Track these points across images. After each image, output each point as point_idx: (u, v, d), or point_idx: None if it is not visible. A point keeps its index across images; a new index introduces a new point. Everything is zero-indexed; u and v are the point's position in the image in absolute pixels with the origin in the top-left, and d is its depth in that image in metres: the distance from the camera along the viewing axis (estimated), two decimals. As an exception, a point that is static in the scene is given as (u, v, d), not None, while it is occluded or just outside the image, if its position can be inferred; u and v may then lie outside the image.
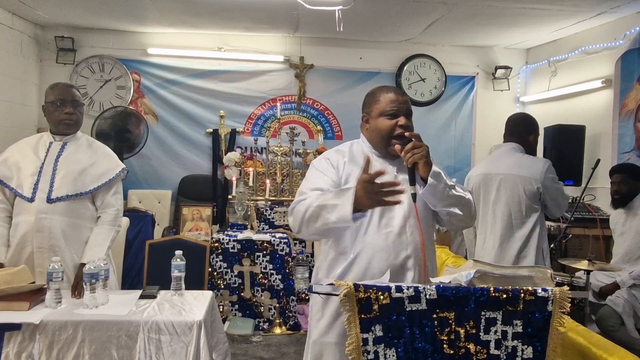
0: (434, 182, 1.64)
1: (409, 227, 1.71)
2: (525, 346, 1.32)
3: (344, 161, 1.79)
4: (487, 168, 2.83)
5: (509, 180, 2.69)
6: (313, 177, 1.78)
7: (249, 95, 5.41)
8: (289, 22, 4.80)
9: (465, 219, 1.76)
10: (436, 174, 1.65)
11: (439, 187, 1.65)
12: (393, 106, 1.75)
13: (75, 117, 2.42)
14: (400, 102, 1.77)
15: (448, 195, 1.68)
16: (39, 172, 2.35)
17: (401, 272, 1.68)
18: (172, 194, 5.27)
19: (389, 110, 1.75)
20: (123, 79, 5.26)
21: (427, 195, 1.68)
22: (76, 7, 4.45)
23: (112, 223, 2.45)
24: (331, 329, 1.70)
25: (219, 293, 3.89)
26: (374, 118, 1.79)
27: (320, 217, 1.59)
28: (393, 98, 1.77)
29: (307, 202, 1.64)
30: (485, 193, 2.80)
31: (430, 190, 1.65)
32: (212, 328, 2.24)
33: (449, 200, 1.70)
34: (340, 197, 1.56)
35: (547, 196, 2.67)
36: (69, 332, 1.92)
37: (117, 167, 2.50)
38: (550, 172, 2.68)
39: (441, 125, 5.68)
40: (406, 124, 1.75)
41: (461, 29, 4.87)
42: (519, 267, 1.60)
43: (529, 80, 5.68)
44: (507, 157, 2.77)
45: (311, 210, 1.61)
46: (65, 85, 2.46)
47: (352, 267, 1.70)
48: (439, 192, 1.66)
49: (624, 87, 4.08)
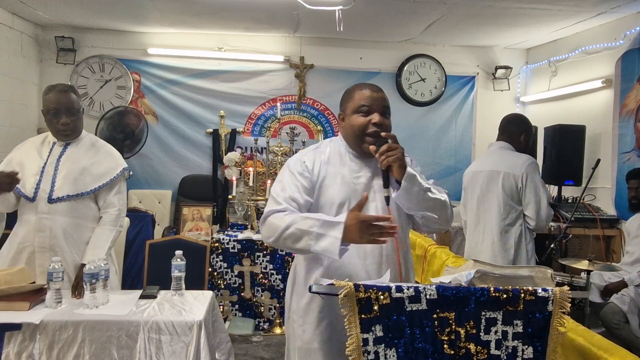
0: (407, 185, 1.59)
1: None
2: (525, 346, 1.32)
3: (320, 162, 1.74)
4: (476, 166, 2.93)
5: (491, 177, 2.76)
6: (287, 183, 1.71)
7: (249, 95, 5.41)
8: (289, 22, 4.79)
9: (440, 222, 1.72)
10: (411, 177, 1.59)
11: (413, 190, 1.61)
12: (366, 102, 1.70)
13: (72, 125, 2.38)
14: (374, 98, 1.71)
15: (423, 198, 1.64)
16: (41, 172, 2.35)
17: (376, 276, 1.64)
18: (172, 194, 5.27)
19: (362, 106, 1.70)
20: (123, 79, 5.26)
21: (401, 199, 1.64)
22: (76, 7, 4.45)
23: (114, 223, 2.45)
24: (315, 335, 1.69)
25: (219, 293, 3.89)
26: (349, 115, 1.74)
27: (301, 241, 1.55)
28: (367, 94, 1.71)
29: (287, 220, 1.58)
30: (472, 190, 2.88)
31: (404, 193, 1.61)
32: (214, 328, 2.24)
33: (424, 204, 1.65)
34: (327, 229, 1.51)
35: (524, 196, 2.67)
36: (69, 332, 1.92)
37: (118, 167, 2.49)
38: (531, 169, 2.67)
39: (441, 125, 5.68)
40: (380, 122, 1.69)
41: (461, 29, 4.87)
42: (519, 267, 1.61)
43: (529, 80, 5.68)
44: (494, 154, 2.83)
45: (292, 231, 1.56)
46: (60, 91, 2.35)
47: (328, 272, 1.67)
48: (413, 196, 1.62)
49: (624, 87, 4.08)
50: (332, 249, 1.50)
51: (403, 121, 5.60)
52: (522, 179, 2.67)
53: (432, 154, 5.67)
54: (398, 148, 1.62)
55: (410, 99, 5.57)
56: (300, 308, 1.74)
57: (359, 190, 1.69)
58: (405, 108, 5.59)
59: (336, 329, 1.65)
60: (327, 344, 1.67)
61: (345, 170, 1.73)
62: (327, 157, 1.76)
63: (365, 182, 1.71)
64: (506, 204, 2.69)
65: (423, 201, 1.64)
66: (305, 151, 1.82)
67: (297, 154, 1.83)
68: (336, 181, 1.71)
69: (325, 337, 1.68)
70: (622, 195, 3.99)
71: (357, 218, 1.49)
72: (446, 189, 1.79)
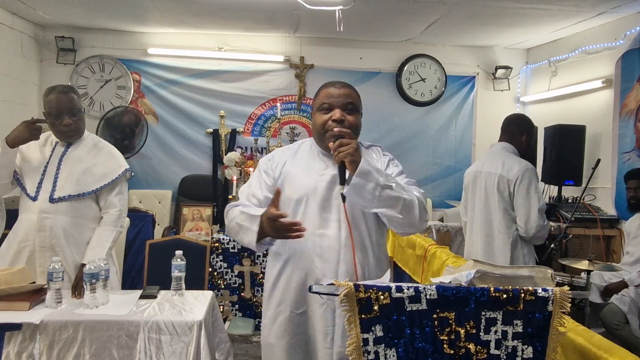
0: (359, 181, 1.53)
1: (343, 230, 1.65)
2: (525, 346, 1.32)
3: (285, 161, 1.78)
4: (476, 166, 2.91)
5: (488, 179, 2.74)
6: (253, 180, 1.80)
7: (249, 95, 5.41)
8: (289, 22, 4.80)
9: (406, 223, 1.63)
10: (364, 173, 1.53)
11: (367, 187, 1.54)
12: (327, 100, 1.70)
13: (75, 126, 2.38)
14: (336, 95, 1.70)
15: (379, 196, 1.55)
16: (43, 172, 2.36)
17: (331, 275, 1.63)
18: (172, 194, 5.27)
19: (324, 104, 1.71)
20: (123, 79, 5.27)
21: (352, 196, 1.57)
22: (76, 7, 4.46)
23: (114, 224, 2.45)
24: (271, 331, 1.72)
25: (219, 293, 3.90)
26: (314, 113, 1.76)
27: (238, 235, 1.65)
28: (329, 92, 1.72)
29: (232, 214, 1.68)
30: (472, 191, 2.88)
31: (355, 189, 1.55)
32: (214, 328, 2.24)
33: (382, 202, 1.57)
34: (250, 222, 1.59)
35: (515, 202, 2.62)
36: (69, 332, 1.92)
37: (120, 168, 2.49)
38: (526, 176, 2.61)
39: (441, 125, 5.68)
40: (339, 118, 1.66)
41: (461, 29, 4.87)
42: (519, 267, 1.60)
43: (529, 80, 5.68)
44: (494, 156, 2.81)
45: (232, 225, 1.67)
46: (60, 92, 2.34)
47: (285, 268, 1.70)
48: (367, 193, 1.55)
49: (625, 87, 4.08)
50: (251, 243, 1.59)
51: (403, 121, 5.60)
52: (515, 184, 2.63)
53: (432, 154, 5.67)
54: (350, 143, 1.57)
55: (410, 99, 5.57)
56: (264, 304, 1.79)
57: (322, 187, 1.69)
58: (405, 108, 5.60)
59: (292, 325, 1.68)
60: (282, 340, 1.69)
61: (311, 168, 1.74)
62: (294, 154, 1.80)
63: (329, 179, 1.69)
64: (501, 207, 2.67)
65: (380, 199, 1.56)
66: (276, 149, 1.89)
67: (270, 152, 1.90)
68: (297, 178, 1.73)
69: (280, 333, 1.70)
70: (622, 195, 3.99)
71: (265, 214, 1.54)
72: (446, 189, 1.78)
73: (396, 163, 1.82)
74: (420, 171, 5.62)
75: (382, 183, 1.56)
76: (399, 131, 5.59)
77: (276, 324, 1.70)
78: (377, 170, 1.58)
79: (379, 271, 1.73)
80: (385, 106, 5.55)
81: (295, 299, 1.68)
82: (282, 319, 1.70)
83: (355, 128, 1.71)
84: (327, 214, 1.67)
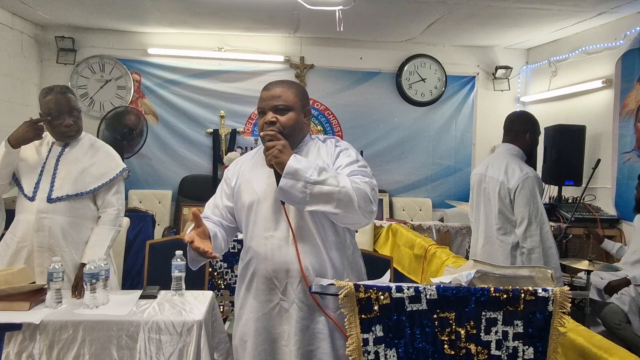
0: (287, 181, 1.50)
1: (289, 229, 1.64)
2: (526, 347, 1.32)
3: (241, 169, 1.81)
4: (482, 168, 2.84)
5: (490, 183, 2.68)
6: (217, 190, 1.86)
7: (249, 95, 5.40)
8: (289, 22, 4.79)
9: (347, 217, 1.56)
10: (291, 173, 1.50)
11: (296, 186, 1.49)
12: (260, 103, 1.72)
13: (75, 126, 2.39)
14: (266, 98, 1.69)
15: (311, 193, 1.49)
16: (41, 172, 2.36)
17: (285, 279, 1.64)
18: (172, 194, 5.27)
19: (259, 108, 1.73)
20: (123, 79, 5.26)
21: (283, 196, 1.54)
22: (76, 7, 4.45)
23: (113, 223, 2.45)
24: (236, 332, 1.77)
25: (219, 293, 3.89)
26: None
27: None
28: (261, 95, 1.72)
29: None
30: (477, 192, 2.83)
31: (284, 191, 1.52)
32: (214, 328, 2.24)
33: (314, 199, 1.50)
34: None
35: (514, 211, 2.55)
36: (69, 332, 1.92)
37: (117, 167, 2.49)
38: (527, 186, 2.51)
39: (441, 125, 5.68)
40: (270, 120, 1.65)
41: (461, 29, 4.87)
42: (519, 267, 1.60)
43: (530, 80, 5.68)
44: (498, 159, 2.73)
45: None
46: (58, 93, 2.33)
47: (247, 271, 1.75)
48: (297, 192, 1.50)
49: (625, 87, 4.08)
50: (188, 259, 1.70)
51: (403, 121, 5.60)
52: (515, 193, 2.55)
53: (432, 154, 5.67)
54: (275, 145, 1.55)
55: (411, 99, 5.57)
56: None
57: (268, 191, 1.69)
58: (406, 108, 5.60)
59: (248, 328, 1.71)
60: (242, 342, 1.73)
61: (262, 173, 1.73)
62: (250, 161, 1.82)
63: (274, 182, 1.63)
64: (501, 213, 2.61)
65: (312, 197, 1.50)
66: (238, 157, 1.93)
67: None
68: (248, 185, 1.74)
69: (242, 334, 1.73)
70: (622, 195, 4.00)
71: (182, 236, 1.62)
72: (446, 189, 1.77)
73: (349, 153, 1.73)
74: (420, 171, 5.63)
75: (312, 180, 1.49)
76: (399, 131, 5.59)
77: (239, 326, 1.75)
78: (307, 168, 1.51)
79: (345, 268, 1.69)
80: (385, 106, 5.55)
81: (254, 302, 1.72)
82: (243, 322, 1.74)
83: (289, 128, 1.67)
84: (277, 216, 1.67)
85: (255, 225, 1.70)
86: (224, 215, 1.79)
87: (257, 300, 1.70)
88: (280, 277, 1.65)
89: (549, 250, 2.52)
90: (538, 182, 2.59)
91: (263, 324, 1.69)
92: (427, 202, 5.53)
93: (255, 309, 1.70)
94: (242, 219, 1.76)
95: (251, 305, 1.71)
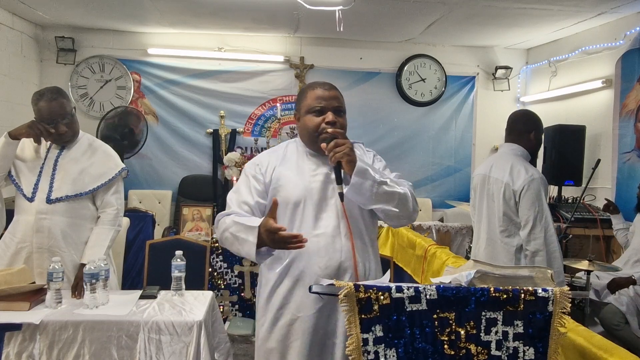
0: (358, 180, 1.58)
1: (342, 228, 1.66)
2: (526, 347, 1.32)
3: (275, 165, 1.76)
4: (486, 169, 2.78)
5: (495, 184, 2.63)
6: (241, 187, 1.76)
7: (249, 96, 5.41)
8: (289, 22, 4.80)
9: (402, 216, 1.68)
10: (361, 172, 1.58)
11: (365, 185, 1.58)
12: (319, 102, 1.70)
13: (70, 132, 2.37)
14: (327, 97, 1.71)
15: (377, 192, 1.60)
16: (40, 172, 2.35)
17: (337, 277, 1.63)
18: (172, 194, 5.27)
19: (315, 106, 1.71)
20: (123, 79, 5.27)
21: (353, 194, 1.61)
22: (76, 7, 4.46)
23: (112, 223, 2.45)
24: (271, 335, 1.69)
25: (219, 293, 3.89)
26: (303, 115, 1.75)
27: (234, 246, 1.61)
28: (319, 94, 1.71)
29: (226, 223, 1.64)
30: (480, 193, 2.78)
31: (355, 189, 1.59)
32: (214, 328, 2.24)
33: (379, 198, 1.62)
34: (247, 233, 1.55)
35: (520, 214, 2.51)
36: (69, 332, 1.92)
37: (116, 167, 2.49)
38: (533, 188, 2.47)
39: (441, 126, 5.68)
40: (333, 121, 1.69)
41: (461, 29, 4.87)
42: (519, 267, 1.60)
43: (529, 80, 5.68)
44: (502, 159, 2.69)
45: (227, 235, 1.62)
46: (50, 100, 2.28)
47: (288, 271, 1.68)
48: (365, 190, 1.59)
49: (625, 87, 4.08)
50: (251, 254, 1.55)
51: (403, 121, 5.60)
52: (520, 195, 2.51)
53: (432, 154, 5.67)
54: (345, 143, 1.60)
55: (410, 99, 5.57)
56: (260, 307, 1.75)
57: (316, 188, 1.69)
58: (405, 108, 5.60)
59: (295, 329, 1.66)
60: (282, 344, 1.67)
61: (303, 169, 1.74)
62: (282, 157, 1.78)
63: (322, 179, 1.70)
64: (506, 214, 2.57)
65: (378, 195, 1.61)
66: (261, 153, 1.86)
67: (254, 157, 1.85)
68: (291, 181, 1.72)
69: (281, 336, 1.67)
70: (622, 195, 3.99)
71: (264, 226, 1.50)
72: (446, 189, 1.79)
73: (379, 158, 1.86)
74: (420, 171, 5.63)
75: (378, 180, 1.60)
76: (399, 131, 5.59)
77: (277, 327, 1.68)
78: (372, 168, 1.62)
79: (377, 266, 1.76)
80: (385, 106, 5.55)
81: (297, 302, 1.67)
82: (284, 323, 1.68)
83: (345, 130, 1.73)
84: (324, 213, 1.68)
85: (302, 223, 1.67)
86: (254, 212, 1.71)
87: (308, 299, 1.65)
88: (332, 273, 1.63)
89: (552, 254, 2.49)
90: (543, 184, 2.55)
91: (313, 322, 1.65)
92: (427, 202, 5.53)
93: (305, 307, 1.66)
94: (282, 216, 1.69)
95: (298, 304, 1.66)
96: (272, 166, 1.75)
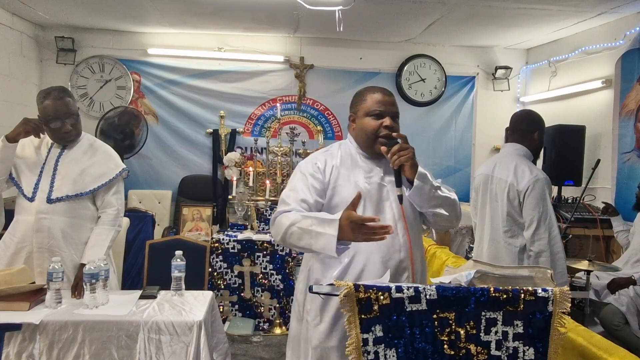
0: (420, 184, 1.66)
1: (399, 228, 1.73)
2: (526, 347, 1.32)
3: (333, 164, 1.78)
4: (489, 169, 2.76)
5: (499, 185, 2.62)
6: (298, 185, 1.75)
7: (249, 96, 5.41)
8: (289, 22, 4.80)
9: (450, 219, 1.79)
10: (422, 176, 1.67)
11: (425, 188, 1.68)
12: (379, 106, 1.77)
13: (75, 131, 2.38)
14: (387, 102, 1.79)
15: (434, 196, 1.71)
16: (40, 172, 2.35)
17: (396, 275, 1.68)
18: (172, 194, 5.27)
19: (374, 110, 1.77)
20: (123, 79, 5.27)
21: (414, 197, 1.71)
22: (76, 7, 4.46)
23: (112, 223, 2.45)
24: (332, 333, 1.69)
25: (219, 293, 3.89)
26: (360, 118, 1.80)
27: (303, 240, 1.59)
28: (379, 98, 1.79)
29: (291, 219, 1.62)
30: (483, 193, 2.76)
31: (417, 192, 1.68)
32: (213, 328, 2.24)
33: (435, 201, 1.72)
34: (325, 226, 1.53)
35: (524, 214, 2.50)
36: (69, 332, 1.92)
37: (117, 167, 2.49)
38: (537, 188, 2.47)
39: (441, 126, 5.68)
40: (391, 125, 1.76)
41: (461, 29, 4.87)
42: (519, 267, 1.60)
43: (529, 80, 5.68)
44: (506, 159, 2.68)
45: (294, 230, 1.60)
46: (56, 99, 2.29)
47: (348, 270, 1.70)
48: (425, 194, 1.69)
49: (624, 88, 4.08)
50: (329, 247, 1.52)
51: (403, 121, 5.48)
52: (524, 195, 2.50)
53: (432, 154, 5.67)
54: (409, 148, 1.68)
55: (410, 99, 5.57)
56: (315, 307, 1.74)
57: (372, 190, 1.75)
58: (405, 108, 5.59)
59: None
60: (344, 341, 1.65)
61: (358, 171, 1.79)
62: (339, 159, 1.81)
63: (377, 181, 1.77)
64: (510, 215, 2.56)
65: (434, 199, 1.71)
66: (316, 153, 1.88)
67: (309, 156, 1.87)
68: (350, 182, 1.76)
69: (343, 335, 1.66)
70: (622, 195, 4.00)
71: (348, 217, 1.50)
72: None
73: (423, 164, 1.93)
74: (420, 171, 5.62)
75: (435, 185, 1.71)
76: (398, 131, 5.58)
77: (339, 325, 1.67)
78: (429, 173, 1.72)
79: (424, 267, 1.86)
80: (385, 106, 5.55)
81: None
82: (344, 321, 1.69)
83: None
84: (382, 214, 1.73)
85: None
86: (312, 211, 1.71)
87: None
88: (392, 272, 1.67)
89: (557, 254, 2.48)
90: (548, 184, 2.54)
91: None
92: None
93: None
94: None
95: None
96: (330, 166, 1.78)
